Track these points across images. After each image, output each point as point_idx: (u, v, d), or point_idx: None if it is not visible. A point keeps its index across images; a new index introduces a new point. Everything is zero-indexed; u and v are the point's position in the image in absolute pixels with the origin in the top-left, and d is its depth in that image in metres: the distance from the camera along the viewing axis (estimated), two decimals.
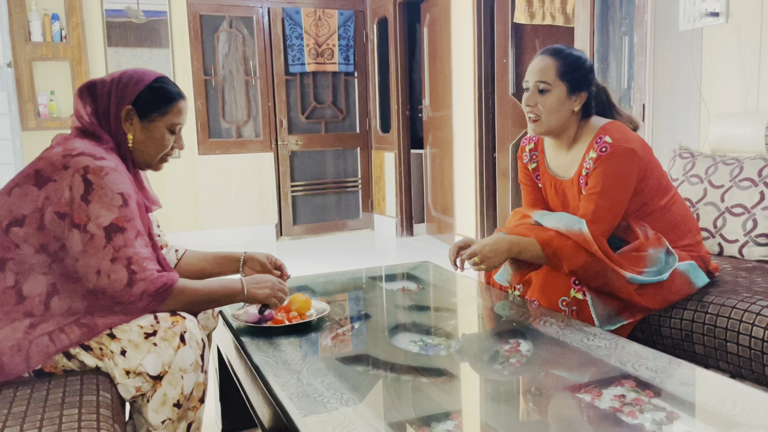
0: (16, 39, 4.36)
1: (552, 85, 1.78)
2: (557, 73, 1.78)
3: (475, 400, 1.28)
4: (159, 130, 1.48)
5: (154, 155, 1.50)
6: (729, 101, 2.60)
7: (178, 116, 1.50)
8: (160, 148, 1.50)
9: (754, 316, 1.57)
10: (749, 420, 1.11)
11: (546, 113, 1.79)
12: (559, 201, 1.94)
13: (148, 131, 1.47)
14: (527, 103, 1.81)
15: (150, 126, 1.47)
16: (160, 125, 1.48)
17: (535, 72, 1.80)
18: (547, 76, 1.78)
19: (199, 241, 4.99)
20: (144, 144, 1.48)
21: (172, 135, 1.51)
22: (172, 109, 1.48)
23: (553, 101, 1.78)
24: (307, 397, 1.20)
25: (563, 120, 1.81)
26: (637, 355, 1.34)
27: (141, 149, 1.48)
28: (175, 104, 1.49)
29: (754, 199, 2.07)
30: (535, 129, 1.84)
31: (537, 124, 1.82)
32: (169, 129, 1.49)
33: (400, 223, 5.53)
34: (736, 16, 2.56)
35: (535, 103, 1.80)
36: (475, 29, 4.35)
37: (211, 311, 1.69)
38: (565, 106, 1.80)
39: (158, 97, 1.47)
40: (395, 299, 1.97)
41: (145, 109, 1.46)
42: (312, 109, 5.55)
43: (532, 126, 1.84)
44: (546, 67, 1.79)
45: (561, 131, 1.84)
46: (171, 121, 1.49)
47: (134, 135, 1.47)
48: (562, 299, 1.72)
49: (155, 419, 1.35)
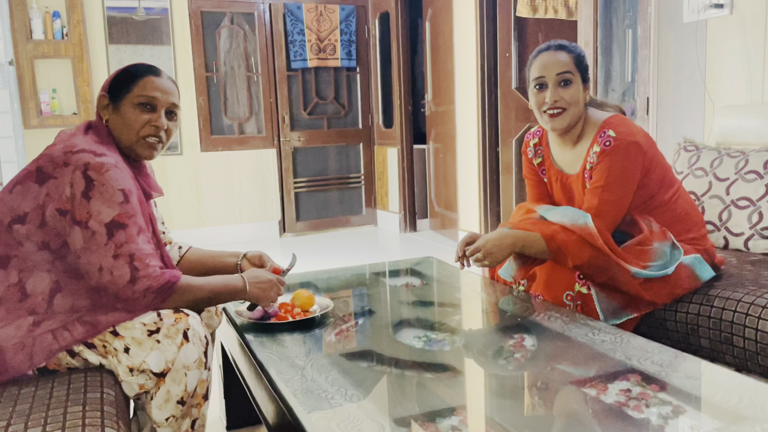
0: (18, 37, 4.35)
1: (574, 75, 1.80)
2: (575, 64, 1.80)
3: (479, 395, 1.27)
4: (125, 107, 1.46)
5: (129, 136, 1.47)
6: (734, 93, 2.59)
7: (143, 90, 1.47)
8: (132, 126, 1.46)
9: (760, 309, 1.56)
10: (755, 413, 1.10)
11: (572, 104, 1.79)
12: (565, 196, 1.93)
13: (118, 111, 1.47)
14: (553, 98, 1.79)
15: (118, 105, 1.47)
16: (126, 102, 1.46)
17: (553, 66, 1.79)
18: (569, 67, 1.79)
19: (202, 238, 4.99)
20: (118, 126, 1.47)
21: (142, 112, 1.47)
22: (136, 84, 1.47)
23: (575, 92, 1.80)
24: (311, 394, 1.19)
25: (581, 112, 1.83)
26: (643, 349, 1.33)
27: (118, 133, 1.47)
28: (139, 80, 1.47)
29: (759, 192, 2.06)
30: (559, 123, 1.81)
31: (561, 118, 1.80)
32: (135, 104, 1.46)
33: (403, 219, 5.52)
34: (740, 7, 2.54)
35: (560, 97, 1.79)
36: (477, 23, 4.33)
37: (214, 309, 1.69)
38: (582, 98, 1.82)
39: (124, 77, 1.48)
40: (399, 295, 1.96)
41: (116, 92, 1.47)
42: (314, 104, 5.54)
43: (555, 121, 1.81)
44: (566, 61, 1.80)
45: (576, 124, 1.84)
46: (136, 95, 1.46)
47: (109, 119, 1.47)
48: (567, 294, 1.71)
49: (159, 416, 1.34)
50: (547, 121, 1.83)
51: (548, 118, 1.82)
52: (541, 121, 1.85)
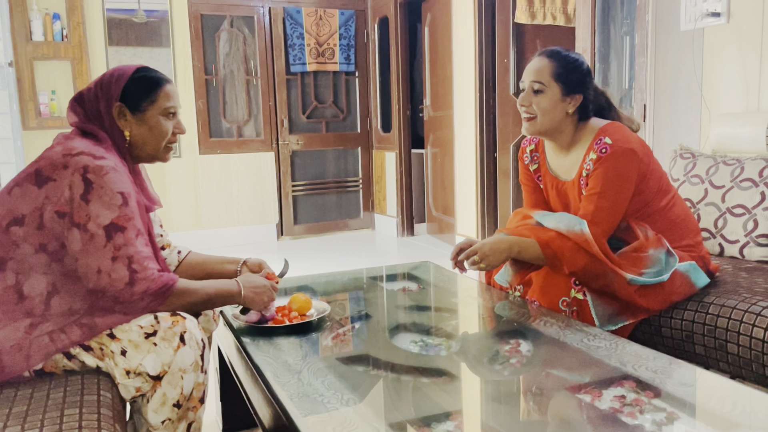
0: (17, 38, 4.36)
1: (546, 85, 1.79)
2: (552, 74, 1.79)
3: (475, 400, 1.28)
4: (153, 118, 1.48)
5: (156, 145, 1.50)
6: (730, 101, 2.60)
7: (167, 100, 1.49)
8: (160, 136, 1.49)
9: (754, 316, 1.57)
10: (749, 421, 1.11)
11: (540, 113, 1.81)
12: (561, 202, 1.94)
13: (143, 122, 1.48)
14: (521, 103, 1.83)
15: (144, 117, 1.47)
16: (152, 113, 1.48)
17: (530, 72, 1.82)
18: (542, 77, 1.80)
19: (200, 240, 4.99)
20: (143, 136, 1.48)
21: (168, 120, 1.50)
22: (159, 94, 1.48)
23: (546, 102, 1.80)
24: (307, 397, 1.20)
25: (557, 121, 1.82)
26: (638, 356, 1.34)
27: (141, 142, 1.48)
28: (160, 89, 1.49)
29: (754, 200, 2.07)
30: (528, 128, 1.85)
31: (531, 123, 1.84)
32: (162, 114, 1.49)
33: (400, 223, 5.53)
34: (737, 16, 2.56)
35: (529, 103, 1.82)
36: (476, 29, 4.35)
37: (211, 313, 1.69)
38: (559, 108, 1.81)
39: (143, 86, 1.47)
40: (396, 299, 1.97)
41: (134, 101, 1.47)
42: (313, 108, 5.55)
43: (526, 125, 1.86)
44: (541, 68, 1.80)
45: (555, 132, 1.85)
46: (162, 106, 1.48)
47: (131, 130, 1.47)
48: (563, 300, 1.72)
49: (155, 419, 1.35)
50: (523, 123, 1.86)
51: (524, 120, 1.86)
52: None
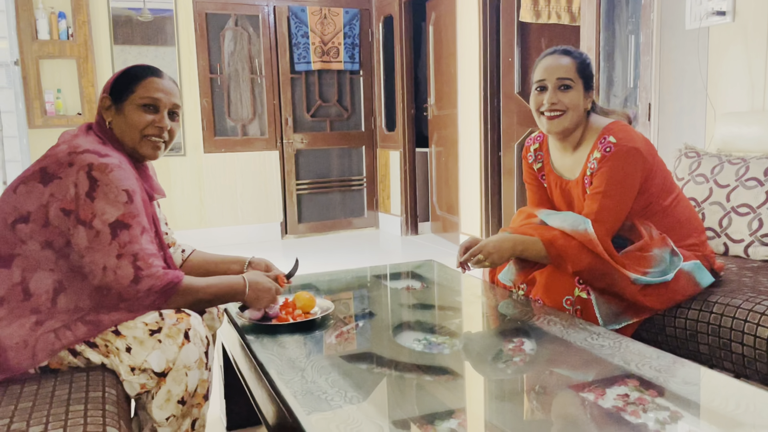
0: (23, 37, 4.37)
1: (574, 81, 1.81)
2: (577, 70, 1.81)
3: (478, 398, 1.28)
4: (129, 108, 1.48)
5: (132, 136, 1.49)
6: (735, 100, 2.59)
7: (146, 91, 1.49)
8: (133, 127, 1.48)
9: (759, 315, 1.57)
10: (753, 420, 1.10)
11: (571, 108, 1.80)
12: (565, 201, 1.94)
13: (121, 112, 1.49)
14: (551, 101, 1.80)
15: (122, 107, 1.49)
16: (129, 104, 1.48)
17: (554, 69, 1.81)
18: (570, 73, 1.80)
19: (204, 238, 5.00)
20: (120, 126, 1.49)
21: (145, 113, 1.49)
22: (138, 86, 1.49)
23: (575, 97, 1.81)
24: (311, 395, 1.20)
25: (580, 117, 1.83)
26: (641, 355, 1.33)
27: (120, 132, 1.49)
28: (141, 81, 1.49)
29: (759, 199, 2.07)
30: (556, 125, 1.82)
31: (559, 120, 1.81)
32: (140, 106, 1.48)
33: (404, 222, 5.53)
34: (742, 15, 2.55)
35: (558, 100, 1.80)
36: (480, 28, 4.35)
37: (216, 311, 1.69)
38: (582, 104, 1.82)
39: (127, 79, 1.50)
40: (400, 298, 1.97)
41: (118, 93, 1.49)
42: (317, 107, 5.56)
43: (551, 123, 1.82)
44: (567, 66, 1.81)
45: (575, 129, 1.85)
46: (139, 96, 1.48)
47: (112, 120, 1.49)
48: (567, 298, 1.72)
49: (160, 416, 1.35)
50: (544, 123, 1.84)
51: (546, 120, 1.83)
52: (539, 123, 1.87)
